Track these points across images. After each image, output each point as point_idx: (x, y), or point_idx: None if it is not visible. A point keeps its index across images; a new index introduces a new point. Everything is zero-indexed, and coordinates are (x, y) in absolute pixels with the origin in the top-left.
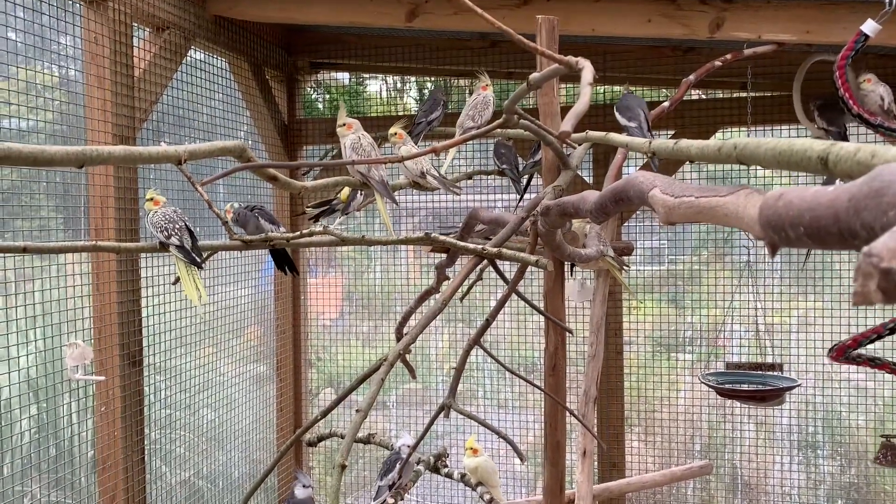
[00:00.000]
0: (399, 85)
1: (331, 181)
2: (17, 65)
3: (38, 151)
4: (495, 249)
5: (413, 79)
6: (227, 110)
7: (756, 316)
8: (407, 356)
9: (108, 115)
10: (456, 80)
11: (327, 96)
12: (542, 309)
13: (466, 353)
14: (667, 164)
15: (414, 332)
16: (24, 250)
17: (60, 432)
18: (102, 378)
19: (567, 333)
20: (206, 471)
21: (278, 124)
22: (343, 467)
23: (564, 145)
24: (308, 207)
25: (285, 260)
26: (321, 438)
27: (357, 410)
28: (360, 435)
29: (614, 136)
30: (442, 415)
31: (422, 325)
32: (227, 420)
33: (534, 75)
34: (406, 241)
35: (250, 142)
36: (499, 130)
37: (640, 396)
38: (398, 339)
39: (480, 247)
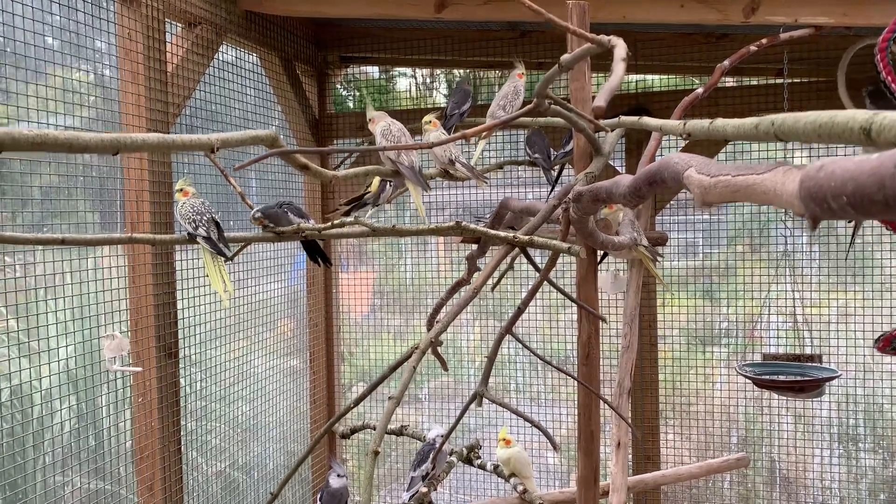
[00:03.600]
0: (428, 81)
1: (361, 170)
2: (53, 67)
3: (73, 138)
4: (527, 237)
5: (442, 75)
6: (258, 105)
7: (794, 306)
8: (438, 348)
9: (141, 109)
10: (484, 73)
11: (357, 93)
12: (575, 297)
13: (498, 341)
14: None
15: (445, 320)
16: (63, 242)
17: (99, 422)
18: (139, 369)
19: (601, 322)
20: (242, 461)
21: (309, 119)
22: (376, 454)
23: (596, 132)
24: (340, 205)
25: (317, 251)
26: (354, 431)
27: (390, 398)
28: (392, 427)
29: (647, 121)
30: (474, 404)
31: (453, 313)
32: (262, 412)
33: (565, 56)
34: (437, 231)
35: (282, 136)
36: (530, 119)
37: (674, 389)
38: (429, 331)
39: (512, 234)
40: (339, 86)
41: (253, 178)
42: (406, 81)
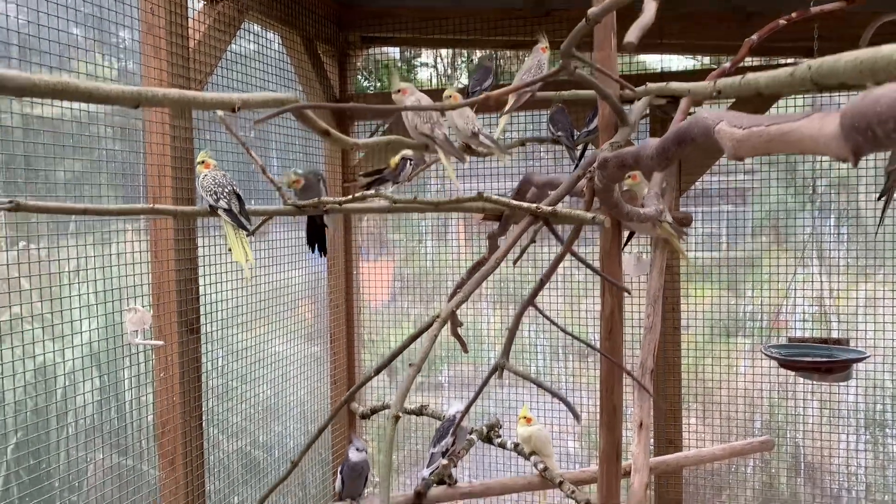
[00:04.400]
0: (449, 71)
1: (383, 140)
2: (77, 55)
3: (93, 88)
4: (550, 208)
5: (463, 65)
6: (279, 85)
7: (821, 290)
8: (458, 330)
9: (163, 84)
10: (505, 53)
11: (378, 84)
12: (599, 270)
13: (520, 313)
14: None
15: (466, 290)
16: (85, 212)
17: (121, 398)
18: (161, 343)
19: (623, 300)
20: (262, 440)
21: (330, 99)
22: (397, 418)
23: (623, 102)
24: (360, 176)
25: (320, 237)
26: (374, 411)
27: (410, 364)
28: (412, 407)
29: (675, 85)
30: (495, 376)
31: (474, 283)
32: (282, 393)
33: (593, 9)
34: (458, 201)
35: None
36: (554, 93)
37: (697, 376)
38: (451, 318)
39: (535, 205)
40: (359, 76)
41: (274, 155)
42: (427, 72)
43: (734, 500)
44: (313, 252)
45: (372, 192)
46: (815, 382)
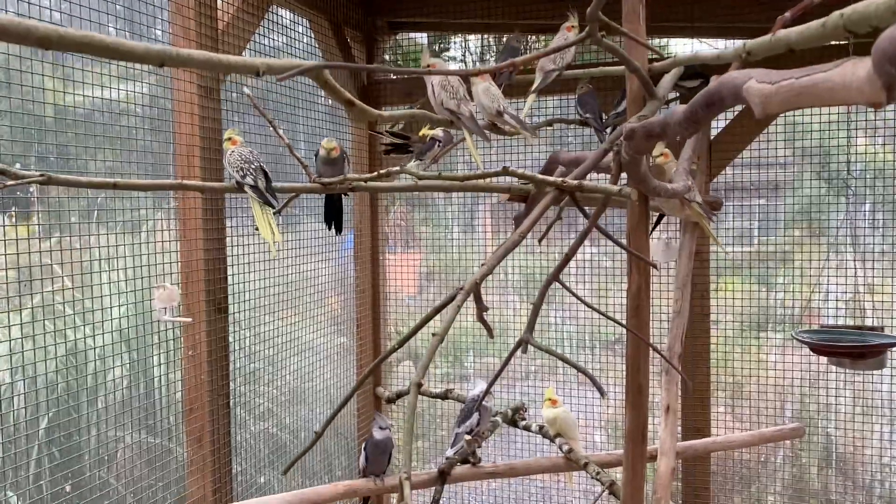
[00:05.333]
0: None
1: (407, 113)
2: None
3: (119, 43)
4: (576, 182)
5: (491, 57)
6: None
7: (855, 277)
8: (484, 315)
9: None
10: (532, 38)
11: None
12: (625, 245)
13: (545, 288)
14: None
15: (490, 262)
16: (115, 186)
17: (150, 378)
18: (189, 320)
19: (653, 280)
20: (289, 422)
21: (357, 84)
22: (419, 386)
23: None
24: (386, 130)
25: (338, 214)
26: (399, 395)
27: (433, 334)
28: (437, 391)
29: (704, 53)
30: (520, 351)
31: (498, 256)
32: (309, 377)
33: None
34: (483, 175)
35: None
36: (582, 71)
37: (727, 370)
38: (476, 301)
39: (560, 179)
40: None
41: (301, 138)
42: (455, 66)
43: (763, 491)
44: (330, 229)
45: (397, 168)
46: (847, 371)
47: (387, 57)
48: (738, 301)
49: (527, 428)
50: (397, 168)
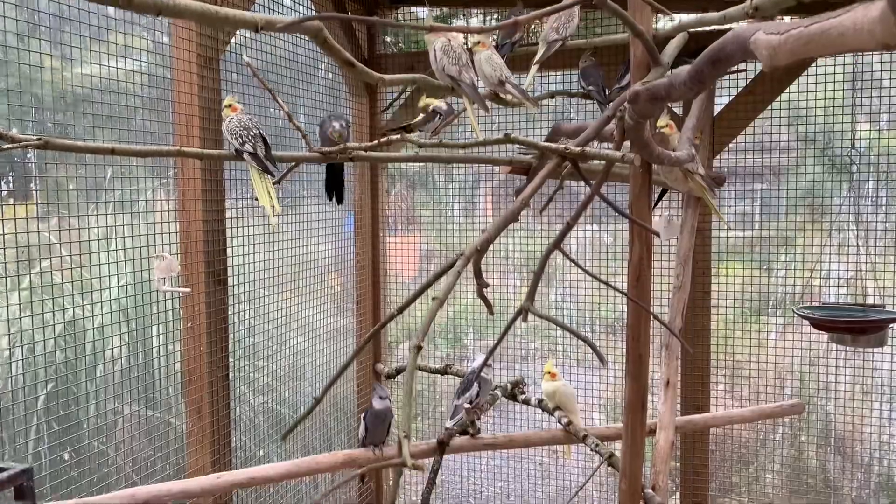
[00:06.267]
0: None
1: (408, 77)
2: (115, 30)
3: None
4: (578, 149)
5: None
6: (308, 46)
7: (857, 254)
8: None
9: (192, 34)
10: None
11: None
12: (628, 213)
13: (546, 256)
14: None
15: (491, 230)
16: (113, 152)
17: (150, 351)
18: (188, 290)
19: (654, 253)
20: (288, 395)
21: (359, 59)
22: (419, 348)
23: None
24: (386, 131)
25: (339, 183)
26: (399, 371)
27: (433, 298)
28: (436, 366)
29: (709, 15)
30: (520, 319)
31: (498, 224)
32: (309, 353)
33: None
34: (484, 143)
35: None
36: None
37: (727, 351)
38: (477, 277)
39: (563, 146)
40: (387, 36)
41: (301, 106)
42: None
43: (761, 470)
44: (331, 200)
45: (397, 136)
46: (847, 349)
47: (388, 34)
48: (740, 285)
49: (526, 402)
50: (398, 136)
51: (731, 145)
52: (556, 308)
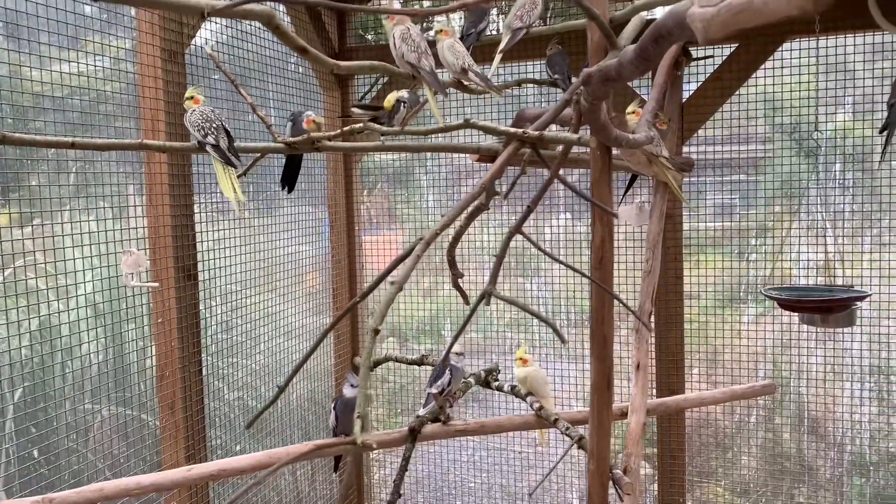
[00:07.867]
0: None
1: (366, 64)
2: (90, 34)
3: None
4: (536, 133)
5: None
6: (275, 38)
7: (825, 236)
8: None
9: (155, 27)
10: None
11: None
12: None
13: (507, 240)
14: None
15: (452, 213)
16: (73, 145)
17: (123, 342)
18: (157, 285)
19: (614, 219)
20: (264, 391)
21: (328, 52)
22: (376, 332)
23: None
24: (354, 107)
25: (292, 174)
26: (377, 363)
27: (392, 282)
28: (412, 357)
29: None
30: (483, 303)
31: (460, 206)
32: (285, 350)
33: None
34: (446, 129)
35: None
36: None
37: (699, 337)
38: (451, 266)
39: (521, 131)
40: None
41: (271, 100)
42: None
43: (737, 454)
44: (283, 189)
45: (360, 125)
46: (819, 330)
47: (359, 27)
48: (714, 273)
49: (499, 388)
50: (360, 125)
51: (709, 136)
52: (532, 297)
